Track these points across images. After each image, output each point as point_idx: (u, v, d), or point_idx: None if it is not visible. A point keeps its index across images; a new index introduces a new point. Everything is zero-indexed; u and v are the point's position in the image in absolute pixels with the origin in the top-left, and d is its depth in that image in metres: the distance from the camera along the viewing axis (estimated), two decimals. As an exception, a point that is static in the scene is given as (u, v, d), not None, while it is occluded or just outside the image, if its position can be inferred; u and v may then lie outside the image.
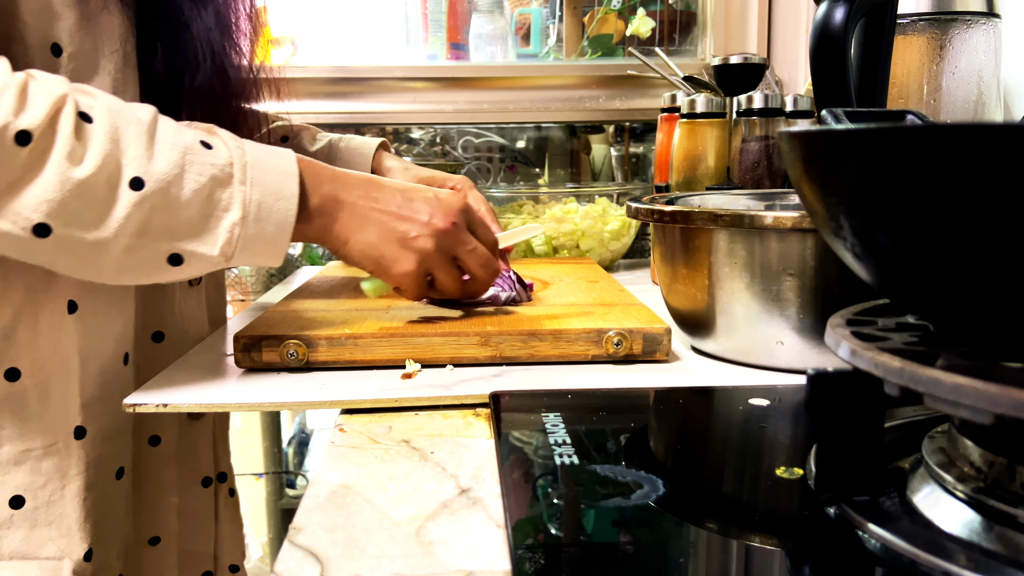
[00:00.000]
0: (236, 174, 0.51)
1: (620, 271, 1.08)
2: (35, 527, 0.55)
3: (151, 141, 0.49)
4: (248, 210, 0.50)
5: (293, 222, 0.52)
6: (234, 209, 0.50)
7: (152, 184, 0.48)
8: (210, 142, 0.51)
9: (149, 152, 0.48)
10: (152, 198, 0.48)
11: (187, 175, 0.49)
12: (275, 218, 0.52)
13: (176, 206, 0.49)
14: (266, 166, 0.52)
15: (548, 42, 1.40)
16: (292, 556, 0.33)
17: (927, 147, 0.26)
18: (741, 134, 0.82)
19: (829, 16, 0.51)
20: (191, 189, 0.49)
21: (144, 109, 0.50)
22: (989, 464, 0.31)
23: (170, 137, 0.49)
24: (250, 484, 1.56)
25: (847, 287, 0.50)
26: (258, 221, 0.51)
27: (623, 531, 0.33)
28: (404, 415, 0.50)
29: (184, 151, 0.49)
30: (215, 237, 0.50)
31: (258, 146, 0.53)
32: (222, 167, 0.50)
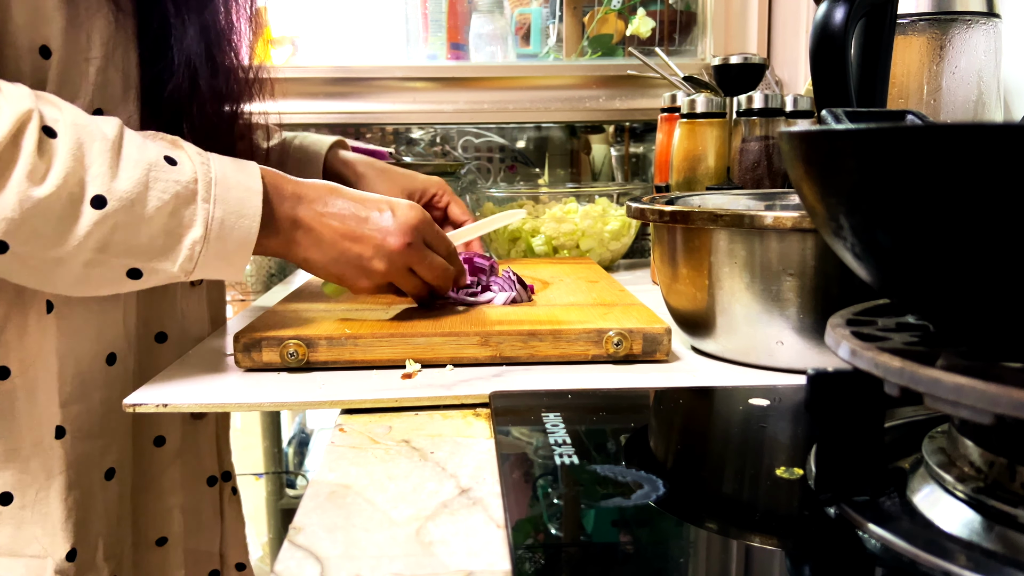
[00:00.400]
0: (200, 191, 0.51)
1: (620, 271, 1.08)
2: (22, 525, 0.56)
3: (116, 158, 0.48)
4: (210, 228, 0.51)
5: (255, 240, 0.53)
6: (196, 226, 0.50)
7: (115, 203, 0.48)
8: (175, 157, 0.51)
9: (113, 170, 0.48)
10: (114, 216, 0.48)
11: (151, 192, 0.49)
12: (237, 236, 0.52)
13: (138, 224, 0.49)
14: (231, 183, 0.52)
15: (548, 42, 1.40)
16: (292, 556, 0.33)
17: (927, 147, 0.26)
18: (741, 134, 0.82)
19: (829, 16, 0.51)
20: (154, 207, 0.49)
21: (110, 123, 0.50)
22: (989, 464, 0.31)
23: (134, 154, 0.49)
24: (250, 484, 1.56)
25: (847, 287, 0.50)
26: (220, 239, 0.51)
27: (623, 531, 0.33)
28: (404, 415, 0.50)
29: (148, 168, 0.49)
30: (176, 254, 0.51)
31: (223, 161, 0.53)
32: (186, 184, 0.50)
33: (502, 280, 0.69)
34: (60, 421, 0.57)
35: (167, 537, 0.68)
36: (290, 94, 1.24)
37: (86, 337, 0.58)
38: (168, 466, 0.68)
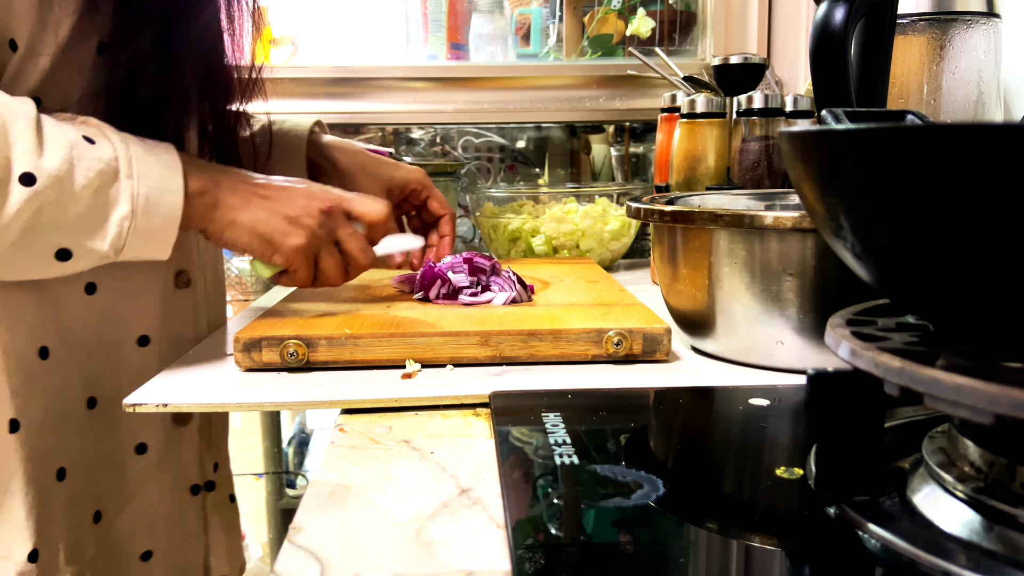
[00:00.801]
0: (122, 168, 0.51)
1: (620, 271, 1.08)
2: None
3: (39, 136, 0.48)
4: (136, 204, 0.51)
5: (179, 215, 0.53)
6: (122, 203, 0.51)
7: (44, 180, 0.47)
8: (91, 136, 0.51)
9: (39, 148, 0.48)
10: (44, 193, 0.47)
11: (76, 170, 0.49)
12: (163, 211, 0.52)
13: (66, 201, 0.48)
14: (150, 160, 0.52)
15: (548, 42, 1.40)
16: (292, 556, 0.33)
17: (927, 147, 0.26)
18: (741, 134, 0.82)
19: (829, 16, 0.51)
20: (80, 184, 0.49)
21: (26, 103, 0.49)
22: (989, 464, 0.31)
23: (55, 132, 0.49)
24: (250, 484, 1.56)
25: (847, 287, 0.50)
26: (147, 215, 0.52)
27: (623, 531, 0.33)
28: (404, 415, 0.50)
29: (71, 146, 0.49)
30: (105, 231, 0.51)
31: (139, 140, 0.53)
32: (108, 161, 0.50)
33: (502, 280, 0.69)
34: (13, 414, 0.56)
35: (152, 551, 0.67)
36: (290, 94, 1.24)
37: (20, 328, 0.56)
38: (152, 475, 0.67)
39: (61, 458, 0.60)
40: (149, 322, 0.64)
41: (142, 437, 0.65)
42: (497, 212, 1.08)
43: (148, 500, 0.66)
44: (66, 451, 0.60)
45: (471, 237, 1.35)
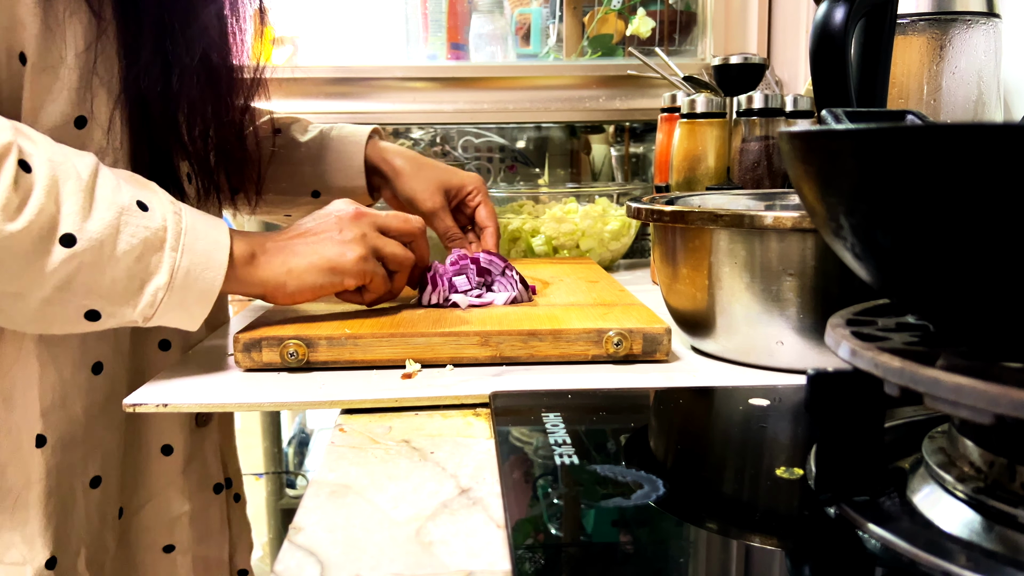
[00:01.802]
0: (169, 240, 0.51)
1: (620, 271, 1.08)
2: (1, 532, 0.55)
3: (89, 198, 0.48)
4: (175, 276, 0.51)
5: (217, 292, 0.53)
6: (161, 273, 0.51)
7: (84, 243, 0.48)
8: (147, 203, 0.51)
9: (86, 210, 0.48)
10: (82, 256, 0.48)
11: (121, 236, 0.49)
12: (200, 286, 0.52)
13: (104, 265, 0.49)
14: (200, 234, 0.53)
15: (548, 42, 1.40)
16: (292, 556, 0.33)
17: (927, 147, 0.26)
18: (741, 134, 0.82)
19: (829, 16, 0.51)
20: (122, 250, 0.49)
21: (85, 161, 0.49)
22: (989, 464, 0.31)
23: (108, 195, 0.49)
24: (250, 484, 1.56)
25: (847, 287, 0.50)
26: (184, 288, 0.51)
27: (623, 531, 0.33)
28: (404, 415, 0.50)
29: (120, 211, 0.49)
30: (137, 299, 0.50)
31: (195, 212, 0.54)
32: (155, 231, 0.50)
33: (505, 280, 0.69)
34: (41, 430, 0.56)
35: (174, 545, 0.68)
36: (290, 94, 1.24)
37: (68, 345, 0.57)
38: (176, 475, 0.67)
39: (95, 468, 0.60)
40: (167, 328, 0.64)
41: (168, 439, 0.66)
42: (497, 212, 1.08)
43: (170, 498, 0.67)
44: (100, 459, 0.61)
45: (471, 237, 1.35)
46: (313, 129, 0.82)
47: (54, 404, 0.57)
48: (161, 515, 0.67)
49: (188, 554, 0.69)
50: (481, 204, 0.82)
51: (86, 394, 0.59)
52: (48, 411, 0.56)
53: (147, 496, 0.66)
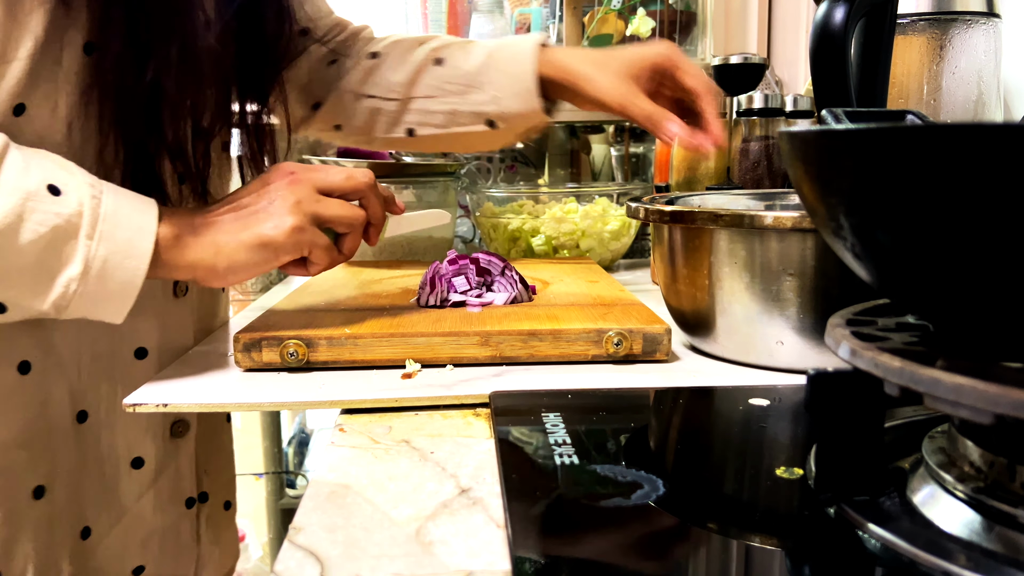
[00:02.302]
0: (84, 226, 0.47)
1: (620, 271, 1.08)
2: None
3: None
4: (91, 266, 0.47)
5: (140, 283, 0.49)
6: (74, 263, 0.47)
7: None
8: (61, 186, 0.47)
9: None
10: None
11: (26, 223, 0.45)
12: (121, 276, 0.48)
13: (8, 255, 0.45)
14: (121, 219, 0.48)
15: (548, 42, 1.40)
16: (292, 556, 0.33)
17: (927, 147, 0.26)
18: (741, 134, 0.82)
19: (829, 16, 0.51)
20: (28, 239, 0.45)
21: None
22: (989, 464, 0.31)
23: (12, 179, 0.45)
24: (250, 484, 1.56)
25: (847, 287, 0.50)
26: (100, 279, 0.48)
27: (623, 531, 0.33)
28: (404, 415, 0.50)
29: (26, 196, 0.45)
30: (48, 290, 0.47)
31: (120, 194, 0.49)
32: (68, 217, 0.46)
33: (504, 280, 0.69)
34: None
35: (144, 565, 0.64)
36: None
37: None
38: (147, 489, 0.64)
39: (39, 476, 0.56)
40: (146, 334, 0.61)
41: (138, 451, 0.63)
42: (497, 212, 1.08)
43: (142, 515, 0.64)
44: (45, 468, 0.57)
45: (471, 237, 1.35)
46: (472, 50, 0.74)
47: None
48: (132, 533, 0.63)
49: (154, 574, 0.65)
50: (679, 70, 0.70)
51: (18, 395, 0.55)
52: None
53: (118, 515, 0.62)
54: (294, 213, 0.54)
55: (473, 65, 0.73)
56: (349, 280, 0.81)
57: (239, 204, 0.55)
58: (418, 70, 0.75)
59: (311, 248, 0.56)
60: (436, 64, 0.75)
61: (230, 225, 0.53)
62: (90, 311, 0.49)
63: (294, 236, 0.54)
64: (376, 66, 0.77)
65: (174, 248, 0.51)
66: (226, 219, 0.54)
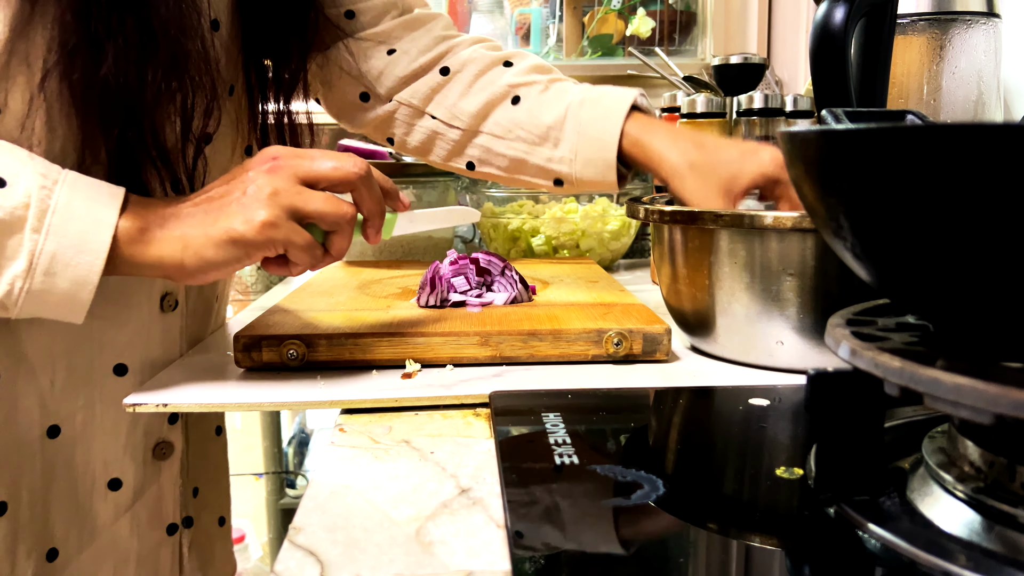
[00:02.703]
0: (30, 220, 0.44)
1: (620, 271, 1.08)
2: None
3: None
4: (37, 262, 0.44)
5: (96, 280, 0.46)
6: (19, 260, 0.44)
7: None
8: (7, 177, 0.44)
9: None
10: None
11: None
12: (72, 273, 0.45)
13: None
14: (75, 211, 0.45)
15: (548, 42, 1.41)
16: (292, 556, 0.33)
17: (927, 147, 0.26)
18: (741, 134, 0.82)
19: (829, 16, 0.51)
20: None
21: None
22: (989, 464, 0.31)
23: None
24: (250, 484, 1.56)
25: (847, 287, 0.50)
26: (49, 275, 0.45)
27: (623, 531, 0.33)
28: (404, 415, 0.50)
29: None
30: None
31: (78, 183, 0.46)
32: (11, 209, 0.44)
33: (504, 280, 0.69)
34: None
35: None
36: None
37: None
38: (123, 512, 0.60)
39: (3, 491, 0.54)
40: (127, 350, 0.58)
41: (116, 472, 0.59)
42: (497, 212, 1.08)
43: (117, 538, 0.60)
44: (8, 483, 0.54)
45: (471, 237, 1.35)
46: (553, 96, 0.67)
47: None
48: (105, 557, 0.59)
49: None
50: (784, 198, 0.62)
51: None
52: None
53: (89, 537, 0.59)
54: (268, 206, 0.48)
55: (553, 118, 0.67)
56: (349, 280, 0.81)
57: (212, 194, 0.49)
58: (491, 104, 0.70)
59: (286, 247, 0.49)
60: (513, 103, 0.69)
61: (200, 218, 0.48)
62: (42, 310, 0.46)
63: (266, 232, 0.48)
64: (445, 84, 0.71)
65: (138, 243, 0.47)
66: (197, 211, 0.49)
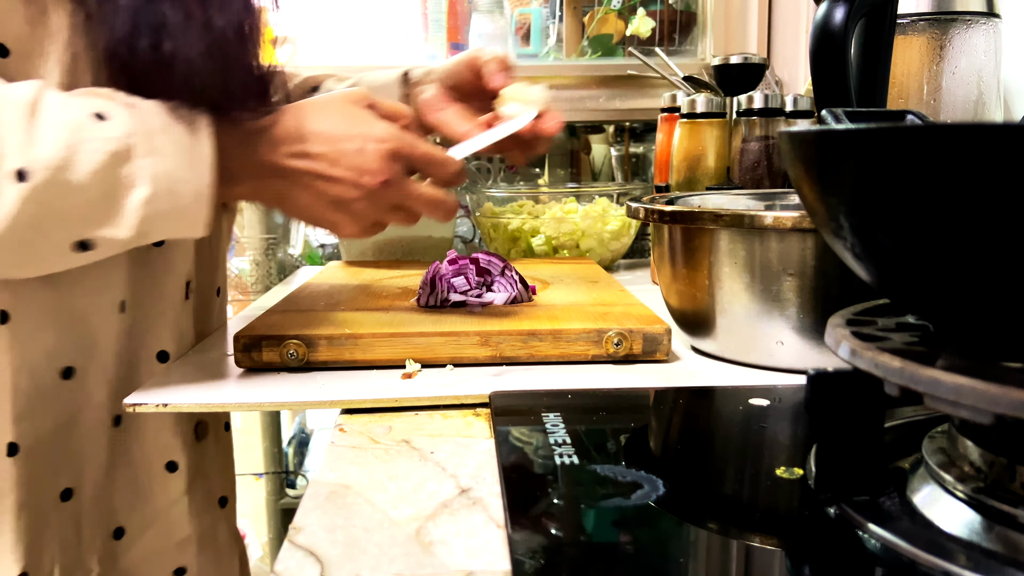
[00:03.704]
0: (139, 144, 0.46)
1: (620, 271, 1.08)
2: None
3: (30, 123, 0.44)
4: (158, 184, 0.46)
5: (210, 190, 0.49)
6: (141, 185, 0.46)
7: (40, 172, 0.43)
8: (105, 113, 0.46)
9: (30, 136, 0.43)
10: (43, 188, 0.43)
11: (80, 155, 0.44)
12: (190, 188, 0.48)
13: (71, 191, 0.44)
14: (174, 131, 0.48)
15: (548, 42, 1.40)
16: (292, 556, 0.33)
17: (927, 147, 0.26)
18: (741, 134, 0.82)
19: (829, 16, 0.51)
20: (86, 170, 0.44)
21: (26, 86, 0.45)
22: (989, 464, 0.31)
23: (56, 115, 0.44)
24: (250, 484, 1.56)
25: (847, 287, 0.50)
26: (171, 194, 0.47)
27: (623, 531, 0.33)
28: (404, 415, 0.50)
29: (74, 128, 0.44)
30: (123, 217, 0.46)
31: (165, 109, 0.48)
32: (120, 139, 0.45)
33: (504, 280, 0.69)
34: (12, 437, 0.53)
35: (185, 567, 0.65)
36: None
37: (39, 349, 0.54)
38: (182, 494, 0.64)
39: (67, 480, 0.57)
40: (167, 336, 0.62)
41: (171, 455, 0.63)
42: (497, 212, 1.08)
43: (178, 518, 0.64)
44: (73, 471, 0.57)
45: (471, 237, 1.35)
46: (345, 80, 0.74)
47: (27, 411, 0.53)
48: (168, 537, 0.63)
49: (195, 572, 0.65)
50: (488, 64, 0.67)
51: (56, 400, 0.55)
52: (20, 418, 0.53)
53: (152, 517, 0.62)
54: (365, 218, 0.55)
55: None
56: (349, 280, 0.81)
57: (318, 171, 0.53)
58: None
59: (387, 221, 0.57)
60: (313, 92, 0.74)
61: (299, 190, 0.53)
62: (172, 230, 0.49)
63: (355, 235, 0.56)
64: None
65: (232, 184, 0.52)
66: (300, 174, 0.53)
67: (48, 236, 0.45)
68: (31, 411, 0.54)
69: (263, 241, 1.29)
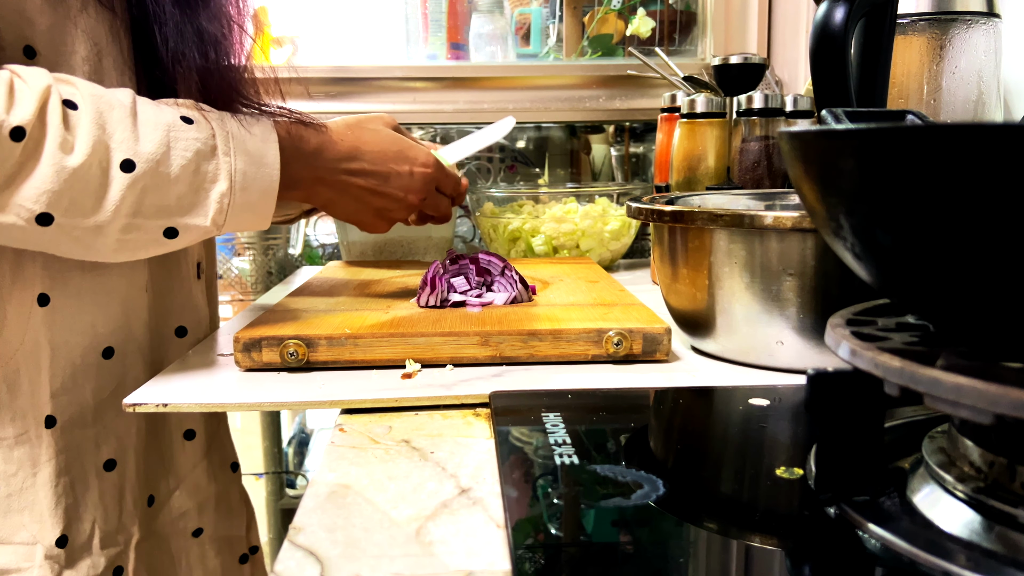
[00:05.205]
0: (219, 145, 0.53)
1: (620, 271, 1.08)
2: (8, 513, 0.56)
3: (134, 122, 0.50)
4: (234, 180, 0.53)
5: (277, 188, 0.55)
6: (221, 180, 0.53)
7: (142, 164, 0.50)
8: (190, 116, 0.53)
9: (134, 133, 0.50)
10: (143, 178, 0.50)
11: (173, 152, 0.51)
12: (260, 185, 0.55)
13: (166, 183, 0.51)
14: (247, 135, 0.55)
15: (548, 42, 1.40)
16: (292, 556, 0.33)
17: (927, 147, 0.26)
18: (741, 134, 0.82)
19: (829, 16, 0.51)
20: (178, 165, 0.51)
21: (123, 92, 0.51)
22: (989, 464, 0.31)
23: (152, 116, 0.51)
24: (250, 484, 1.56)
25: (847, 287, 0.50)
26: (244, 190, 0.54)
27: (623, 531, 0.33)
28: (404, 415, 0.50)
29: (168, 128, 0.51)
30: (206, 208, 0.53)
31: (234, 116, 0.55)
32: (205, 140, 0.52)
33: (504, 280, 0.69)
34: (51, 411, 0.57)
35: (202, 528, 0.70)
36: (290, 94, 1.24)
37: (77, 330, 0.58)
38: (201, 459, 0.70)
39: (109, 451, 0.61)
40: (183, 313, 0.67)
41: (189, 423, 0.69)
42: (497, 212, 1.08)
43: (198, 481, 0.70)
44: (119, 443, 0.61)
45: (471, 237, 1.35)
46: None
47: (64, 387, 0.57)
48: (190, 499, 0.69)
49: (214, 536, 0.71)
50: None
51: (95, 378, 0.59)
52: (58, 393, 0.57)
53: (176, 482, 0.68)
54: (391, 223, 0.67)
55: None
56: (349, 280, 0.81)
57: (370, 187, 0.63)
58: None
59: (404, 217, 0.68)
60: None
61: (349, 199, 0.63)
62: (243, 222, 0.55)
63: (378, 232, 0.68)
64: None
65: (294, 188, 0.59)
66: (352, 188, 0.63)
67: (145, 223, 0.51)
68: (69, 387, 0.58)
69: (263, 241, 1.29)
